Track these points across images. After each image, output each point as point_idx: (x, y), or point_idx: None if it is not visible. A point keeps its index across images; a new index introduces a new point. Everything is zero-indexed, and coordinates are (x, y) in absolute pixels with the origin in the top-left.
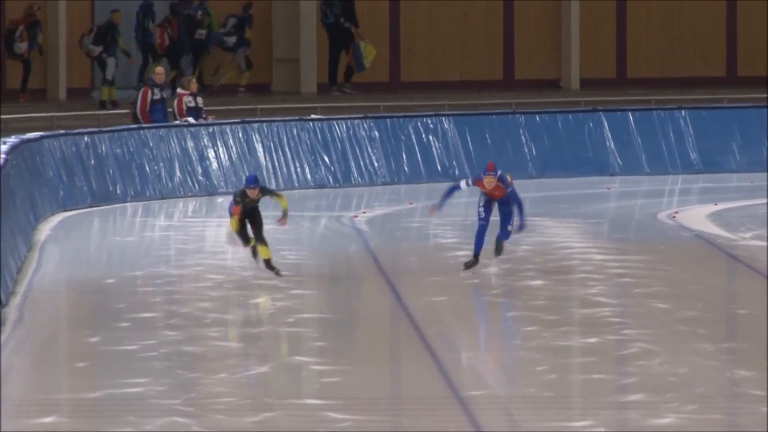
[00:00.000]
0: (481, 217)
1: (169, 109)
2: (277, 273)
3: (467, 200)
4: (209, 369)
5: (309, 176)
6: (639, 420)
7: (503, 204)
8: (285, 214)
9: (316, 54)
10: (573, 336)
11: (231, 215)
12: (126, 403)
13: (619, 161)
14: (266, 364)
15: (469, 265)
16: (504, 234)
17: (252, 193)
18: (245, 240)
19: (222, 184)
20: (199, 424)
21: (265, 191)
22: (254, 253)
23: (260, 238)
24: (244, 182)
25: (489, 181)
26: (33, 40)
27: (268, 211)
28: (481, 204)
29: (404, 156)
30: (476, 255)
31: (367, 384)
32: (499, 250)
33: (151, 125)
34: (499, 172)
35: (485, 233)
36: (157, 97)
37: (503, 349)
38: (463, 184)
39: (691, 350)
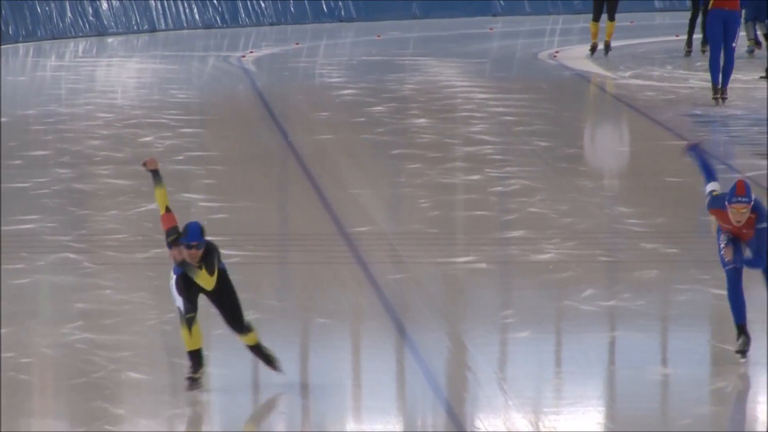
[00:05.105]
0: (726, 258)
1: None
2: (275, 367)
3: (353, 40)
4: (100, 206)
5: (197, 16)
6: (520, 255)
7: (752, 241)
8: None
9: None
10: (456, 173)
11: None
12: (18, 239)
13: (501, 2)
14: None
15: (743, 349)
16: None
17: (191, 256)
18: (188, 310)
19: (112, 24)
20: (91, 260)
21: (207, 259)
22: (197, 363)
23: (238, 324)
24: (183, 232)
25: (737, 212)
26: None
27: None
28: (722, 239)
29: None
30: (741, 325)
31: (255, 220)
32: None
33: None
34: (754, 198)
35: (742, 283)
36: None
37: (388, 186)
38: (711, 187)
39: (572, 187)
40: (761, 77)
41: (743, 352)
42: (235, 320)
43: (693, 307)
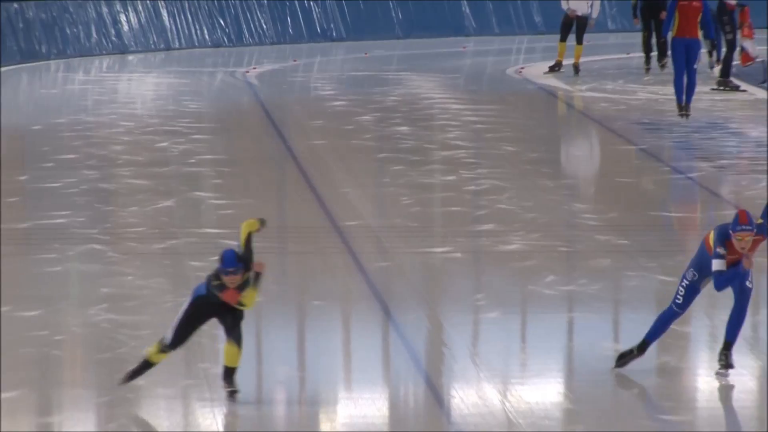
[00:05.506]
0: (679, 302)
1: None
2: (232, 392)
3: (343, 57)
4: (122, 203)
5: (207, 37)
6: (490, 246)
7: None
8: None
9: None
10: (434, 174)
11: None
12: (51, 232)
13: (473, 23)
14: (171, 199)
15: (623, 361)
16: (734, 332)
17: (231, 281)
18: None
19: (132, 44)
20: (114, 250)
21: (246, 278)
22: (139, 372)
23: (234, 333)
24: (219, 261)
25: (742, 240)
26: None
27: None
28: (690, 277)
29: (289, 19)
30: (644, 345)
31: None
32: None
33: None
34: (756, 225)
35: (673, 322)
36: None
37: (374, 185)
38: (717, 263)
39: (536, 186)
40: (712, 89)
41: (624, 363)
42: (233, 328)
43: (641, 292)
